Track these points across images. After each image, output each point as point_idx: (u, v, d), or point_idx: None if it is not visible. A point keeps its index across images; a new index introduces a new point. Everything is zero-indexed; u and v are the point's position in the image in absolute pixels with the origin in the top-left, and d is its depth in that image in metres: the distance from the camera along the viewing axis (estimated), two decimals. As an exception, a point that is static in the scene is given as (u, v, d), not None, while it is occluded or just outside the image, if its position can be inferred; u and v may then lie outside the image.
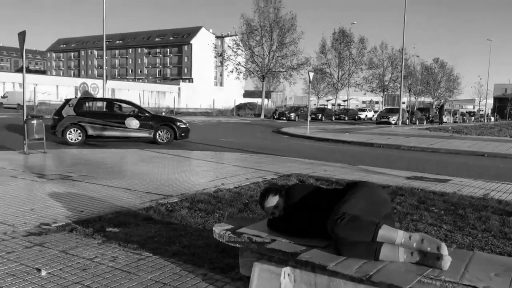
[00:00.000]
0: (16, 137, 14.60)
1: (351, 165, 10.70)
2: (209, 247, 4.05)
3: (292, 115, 46.65)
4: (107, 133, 14.77)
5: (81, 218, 5.01)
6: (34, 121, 11.22)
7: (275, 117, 47.83)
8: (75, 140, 14.39)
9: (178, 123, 15.43)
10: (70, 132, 14.43)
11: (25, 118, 11.20)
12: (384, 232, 2.68)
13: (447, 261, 2.54)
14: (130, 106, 16.16)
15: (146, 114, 15.34)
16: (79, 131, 14.49)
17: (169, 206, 5.69)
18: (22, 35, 11.16)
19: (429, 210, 5.83)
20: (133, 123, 14.87)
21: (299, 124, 34.79)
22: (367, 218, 2.74)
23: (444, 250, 2.57)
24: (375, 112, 61.07)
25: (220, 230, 3.27)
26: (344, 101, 79.54)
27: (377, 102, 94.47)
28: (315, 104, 73.29)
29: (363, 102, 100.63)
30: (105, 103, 16.56)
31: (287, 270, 2.90)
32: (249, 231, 3.19)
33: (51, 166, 9.06)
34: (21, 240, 4.21)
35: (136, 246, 4.08)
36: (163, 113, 17.06)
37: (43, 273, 3.42)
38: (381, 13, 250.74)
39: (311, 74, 23.04)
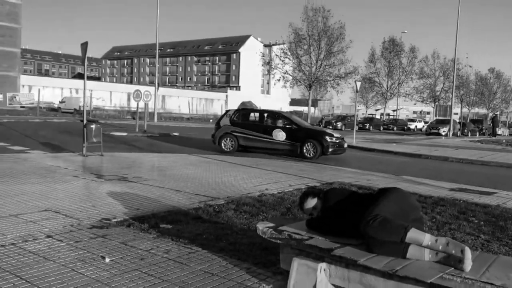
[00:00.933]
0: (74, 140, 15.59)
1: (395, 175, 10.77)
2: (253, 245, 4.40)
3: (339, 124, 46.52)
4: (255, 144, 15.34)
5: (137, 215, 5.50)
6: (93, 126, 11.96)
7: (321, 126, 47.79)
8: (228, 148, 15.28)
9: (328, 138, 14.59)
10: (225, 141, 15.39)
11: (84, 122, 12.00)
12: (413, 234, 2.92)
13: (468, 264, 2.75)
14: (281, 118, 15.77)
15: (294, 127, 15.14)
16: (231, 140, 15.33)
17: (216, 207, 6.10)
18: (84, 46, 11.99)
19: (469, 220, 5.91)
20: (280, 135, 14.96)
21: (345, 133, 34.57)
22: (397, 221, 3.00)
23: (468, 254, 2.77)
24: (425, 122, 59.50)
25: (263, 227, 3.62)
26: (394, 110, 78.11)
27: (428, 113, 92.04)
28: (363, 114, 72.50)
29: (414, 112, 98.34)
30: (257, 114, 16.69)
31: (323, 265, 3.20)
32: (289, 229, 3.51)
33: (108, 167, 9.71)
34: (86, 232, 4.72)
35: (187, 241, 4.49)
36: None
37: (107, 260, 3.88)
38: (435, 12, 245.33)
39: (358, 84, 23.07)
